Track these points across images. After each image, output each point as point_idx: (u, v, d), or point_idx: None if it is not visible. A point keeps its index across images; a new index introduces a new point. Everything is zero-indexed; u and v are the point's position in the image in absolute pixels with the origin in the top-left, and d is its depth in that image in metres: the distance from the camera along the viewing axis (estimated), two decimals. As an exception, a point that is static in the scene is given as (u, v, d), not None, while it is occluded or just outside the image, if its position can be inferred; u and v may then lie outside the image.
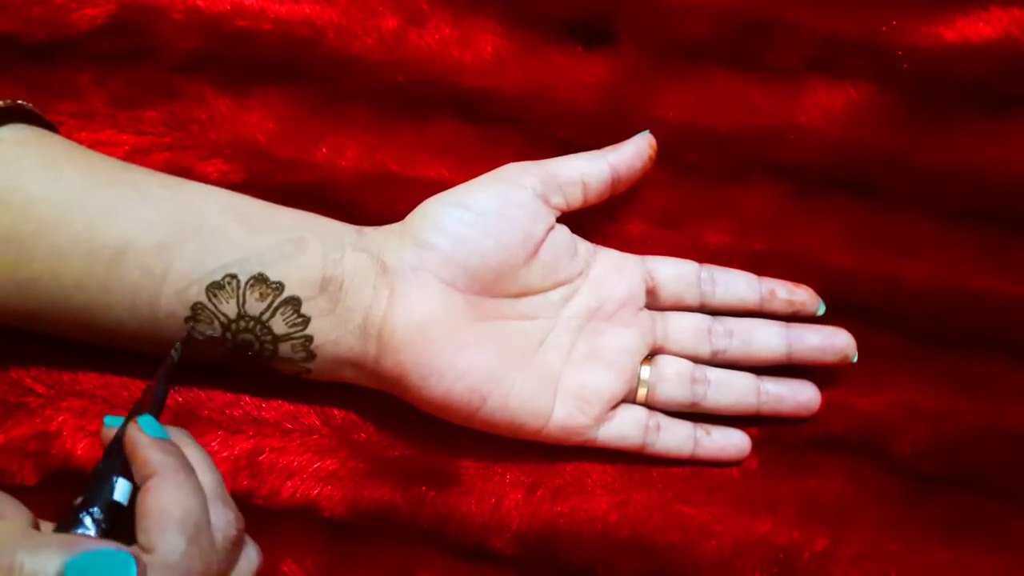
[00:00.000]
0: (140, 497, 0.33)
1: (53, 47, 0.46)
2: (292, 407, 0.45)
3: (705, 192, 0.47)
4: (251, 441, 0.44)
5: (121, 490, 0.34)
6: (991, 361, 0.46)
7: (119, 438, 0.35)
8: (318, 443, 0.44)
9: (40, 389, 0.44)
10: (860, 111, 0.47)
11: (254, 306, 0.40)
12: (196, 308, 0.39)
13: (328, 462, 0.44)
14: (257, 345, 0.40)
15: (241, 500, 0.42)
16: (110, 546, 0.30)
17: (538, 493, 0.44)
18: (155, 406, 0.36)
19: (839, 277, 0.46)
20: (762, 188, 0.47)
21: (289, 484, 0.43)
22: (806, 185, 0.47)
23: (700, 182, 0.47)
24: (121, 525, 0.33)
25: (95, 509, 0.33)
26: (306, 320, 0.40)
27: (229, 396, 0.44)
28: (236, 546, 0.35)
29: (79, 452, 0.43)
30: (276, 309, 0.40)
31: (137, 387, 0.44)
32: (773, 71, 0.48)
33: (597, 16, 0.48)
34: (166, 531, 0.31)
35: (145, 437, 0.34)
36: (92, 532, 0.32)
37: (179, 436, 0.36)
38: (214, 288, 0.39)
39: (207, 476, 0.35)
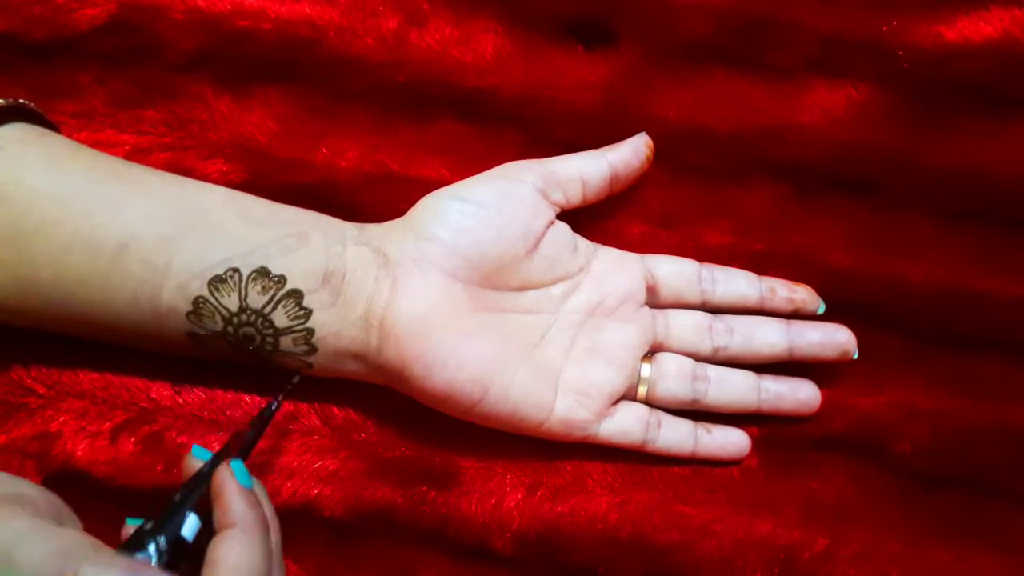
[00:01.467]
0: (214, 543, 0.33)
1: (53, 46, 0.46)
2: (292, 407, 0.45)
3: (706, 192, 0.47)
4: (251, 441, 0.44)
5: (190, 526, 0.34)
6: (991, 361, 0.46)
7: (204, 474, 0.35)
8: (318, 443, 0.44)
9: (40, 390, 0.44)
10: (861, 111, 0.47)
11: (256, 299, 0.40)
12: (198, 302, 0.39)
13: (328, 462, 0.44)
14: (259, 339, 0.40)
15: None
16: None
17: (538, 493, 0.44)
18: (245, 451, 0.37)
19: (839, 277, 0.46)
20: (763, 188, 0.47)
21: (289, 484, 0.43)
22: (807, 185, 0.47)
23: (701, 182, 0.47)
24: (181, 559, 0.33)
25: (162, 539, 0.33)
26: (308, 313, 0.40)
27: (229, 396, 0.44)
28: None
29: (79, 453, 0.43)
30: (278, 302, 0.40)
31: (137, 388, 0.44)
32: (774, 71, 0.48)
33: (597, 16, 0.48)
34: None
35: (235, 484, 0.35)
36: (153, 560, 0.33)
37: (258, 491, 0.37)
38: (216, 282, 0.39)
39: (274, 537, 0.36)
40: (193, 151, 0.46)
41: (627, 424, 0.43)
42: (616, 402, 0.44)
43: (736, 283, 0.45)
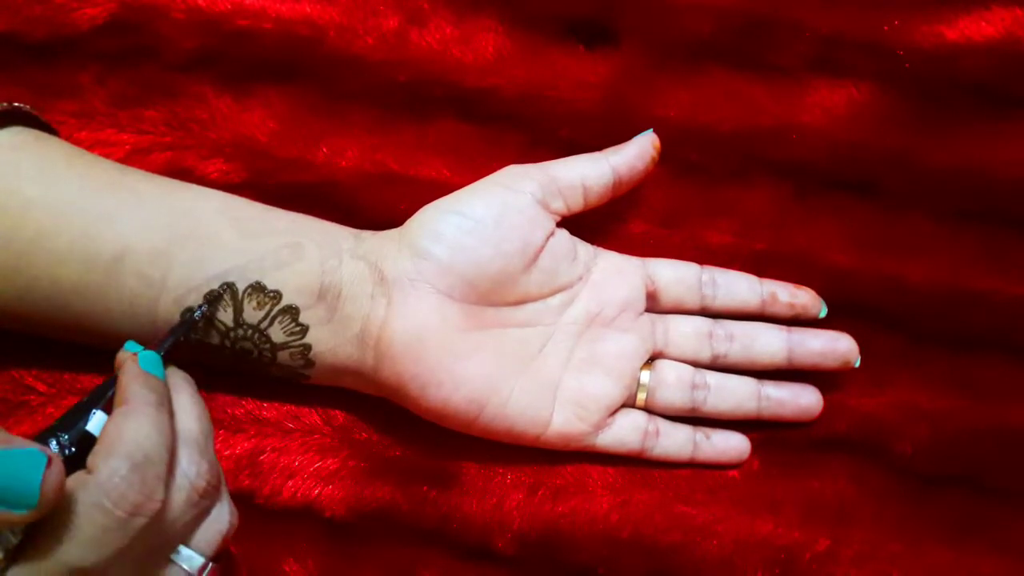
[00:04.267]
0: (105, 424, 0.33)
1: (54, 46, 0.46)
2: (293, 407, 0.45)
3: (707, 192, 0.47)
4: (252, 440, 0.44)
5: (96, 422, 0.34)
6: (992, 361, 0.46)
7: (116, 377, 0.35)
8: (319, 443, 0.44)
9: (41, 388, 0.44)
10: (862, 111, 0.47)
11: (252, 315, 0.39)
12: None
13: (329, 462, 0.44)
14: (256, 353, 0.40)
15: (242, 500, 0.42)
16: (36, 447, 0.29)
17: (539, 493, 0.44)
18: (163, 348, 0.37)
19: (840, 277, 0.46)
20: (763, 188, 0.47)
21: (290, 484, 0.43)
22: (807, 185, 0.47)
23: (702, 182, 0.47)
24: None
25: (64, 435, 0.33)
26: (304, 329, 0.40)
27: (231, 395, 0.44)
28: (204, 498, 0.35)
29: (80, 451, 0.43)
30: (274, 318, 0.40)
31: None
32: (775, 71, 0.48)
33: (598, 15, 0.48)
34: (111, 456, 0.32)
35: (135, 368, 0.34)
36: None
37: (178, 380, 0.37)
38: (212, 296, 0.39)
39: (191, 423, 0.35)
40: (193, 150, 0.46)
41: (625, 434, 0.43)
42: (614, 412, 0.43)
43: (737, 287, 0.44)
